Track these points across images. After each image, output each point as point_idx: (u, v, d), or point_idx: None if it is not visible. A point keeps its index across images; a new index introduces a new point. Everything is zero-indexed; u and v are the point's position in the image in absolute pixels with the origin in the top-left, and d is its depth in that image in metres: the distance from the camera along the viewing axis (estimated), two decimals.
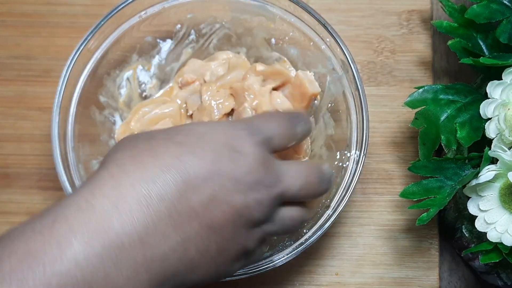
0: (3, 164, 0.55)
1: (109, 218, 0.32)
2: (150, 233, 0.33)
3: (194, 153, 0.35)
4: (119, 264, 0.32)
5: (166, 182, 0.34)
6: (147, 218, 0.33)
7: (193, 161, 0.35)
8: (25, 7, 0.58)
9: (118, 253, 0.32)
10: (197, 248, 0.35)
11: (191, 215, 0.34)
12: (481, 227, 0.45)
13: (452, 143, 0.47)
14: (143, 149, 0.35)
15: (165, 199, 0.33)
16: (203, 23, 0.53)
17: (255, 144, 0.37)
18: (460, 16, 0.51)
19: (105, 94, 0.52)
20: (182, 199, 0.34)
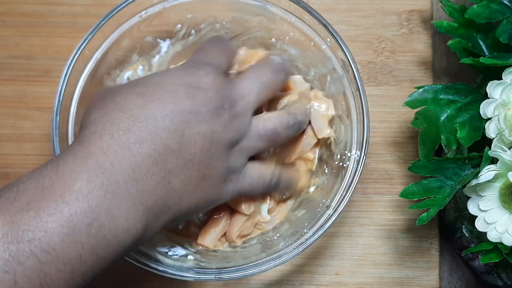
0: (3, 164, 0.55)
1: (102, 161, 0.37)
2: (137, 171, 0.38)
3: (155, 100, 0.40)
4: (117, 197, 0.36)
5: (139, 129, 0.39)
6: (130, 158, 0.38)
7: (157, 107, 0.40)
8: (25, 7, 0.58)
9: (115, 188, 0.36)
10: (179, 178, 0.40)
11: (167, 152, 0.39)
12: (481, 227, 0.45)
13: (452, 143, 0.47)
14: (112, 107, 0.40)
15: (142, 142, 0.38)
16: (203, 23, 0.53)
17: (206, 74, 0.42)
18: (460, 16, 0.51)
19: None
20: (157, 140, 0.39)
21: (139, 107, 0.40)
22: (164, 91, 0.41)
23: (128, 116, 0.39)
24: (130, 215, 0.37)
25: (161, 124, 0.39)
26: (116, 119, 0.39)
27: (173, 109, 0.40)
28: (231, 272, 0.46)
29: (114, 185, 0.36)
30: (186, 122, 0.40)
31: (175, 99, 0.40)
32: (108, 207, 0.36)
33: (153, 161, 0.38)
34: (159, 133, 0.39)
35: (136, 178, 0.37)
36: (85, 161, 0.37)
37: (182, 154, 0.40)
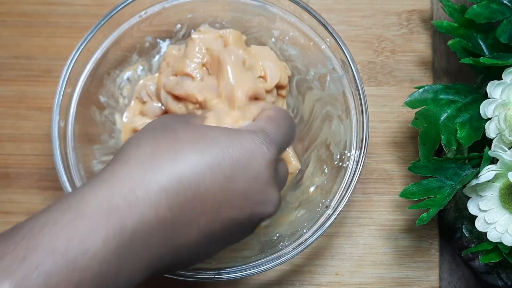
0: (3, 164, 0.55)
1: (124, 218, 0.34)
2: (155, 234, 0.35)
3: (209, 166, 0.36)
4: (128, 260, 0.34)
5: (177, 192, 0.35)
6: (154, 222, 0.35)
7: (206, 174, 0.36)
8: (25, 7, 0.58)
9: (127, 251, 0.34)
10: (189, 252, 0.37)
11: (191, 225, 0.36)
12: (481, 227, 0.45)
13: (452, 143, 0.47)
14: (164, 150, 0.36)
15: (172, 207, 0.35)
16: (203, 23, 0.53)
17: (271, 159, 0.39)
18: (460, 16, 0.51)
19: (105, 94, 0.52)
20: (188, 210, 0.36)
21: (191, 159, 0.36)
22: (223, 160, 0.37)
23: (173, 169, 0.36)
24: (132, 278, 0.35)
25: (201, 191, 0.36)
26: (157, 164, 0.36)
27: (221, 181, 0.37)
28: (230, 272, 0.46)
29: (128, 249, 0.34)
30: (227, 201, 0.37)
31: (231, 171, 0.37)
32: (115, 270, 0.33)
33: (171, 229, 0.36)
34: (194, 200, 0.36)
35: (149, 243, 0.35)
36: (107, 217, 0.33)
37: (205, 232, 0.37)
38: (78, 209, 0.33)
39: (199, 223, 0.37)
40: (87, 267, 0.32)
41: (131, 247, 0.34)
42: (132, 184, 0.35)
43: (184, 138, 0.38)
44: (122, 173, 0.35)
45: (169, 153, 0.36)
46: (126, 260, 0.34)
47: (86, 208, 0.34)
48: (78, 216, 0.33)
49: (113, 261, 0.33)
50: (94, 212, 0.33)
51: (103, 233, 0.33)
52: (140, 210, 0.34)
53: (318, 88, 0.52)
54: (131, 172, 0.35)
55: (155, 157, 0.36)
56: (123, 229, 0.33)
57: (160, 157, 0.36)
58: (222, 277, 0.46)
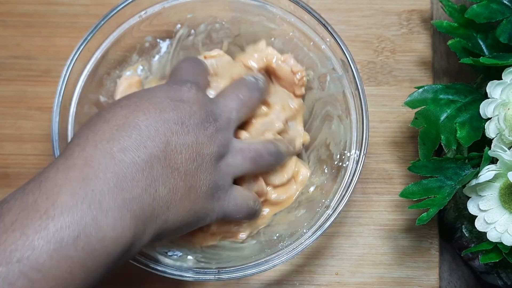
0: (3, 164, 0.55)
1: (85, 172, 0.36)
2: (122, 179, 0.37)
3: (139, 110, 0.40)
4: (103, 206, 0.36)
5: (123, 137, 0.38)
6: (115, 167, 0.37)
7: (141, 116, 0.40)
8: (25, 7, 0.58)
9: (100, 198, 0.36)
10: (165, 186, 0.39)
11: (152, 159, 0.39)
12: (481, 227, 0.45)
13: (452, 143, 0.47)
14: (97, 120, 0.40)
15: (126, 150, 0.38)
16: (203, 23, 0.53)
17: (189, 90, 0.43)
18: (460, 16, 0.51)
19: (105, 94, 0.52)
20: (141, 148, 0.39)
21: (122, 117, 0.40)
22: (148, 103, 0.41)
23: (111, 126, 0.39)
24: (117, 224, 0.36)
25: (145, 133, 0.39)
26: (100, 130, 0.39)
27: (157, 119, 0.40)
28: (230, 272, 0.46)
29: (99, 195, 0.36)
30: (171, 132, 0.40)
31: (160, 110, 0.41)
32: (94, 218, 0.35)
33: (138, 168, 0.38)
34: (143, 141, 0.39)
35: (121, 186, 0.37)
36: (67, 173, 0.36)
37: (168, 162, 0.40)
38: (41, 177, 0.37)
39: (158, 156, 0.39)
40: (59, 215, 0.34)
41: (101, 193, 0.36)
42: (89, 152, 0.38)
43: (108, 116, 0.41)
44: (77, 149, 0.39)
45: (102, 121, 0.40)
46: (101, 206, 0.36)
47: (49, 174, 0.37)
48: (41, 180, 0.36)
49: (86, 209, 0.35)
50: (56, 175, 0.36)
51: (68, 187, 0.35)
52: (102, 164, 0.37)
53: (318, 88, 0.52)
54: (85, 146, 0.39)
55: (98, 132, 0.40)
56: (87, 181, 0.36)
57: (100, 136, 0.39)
58: (222, 276, 0.46)
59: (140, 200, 0.38)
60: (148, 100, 0.41)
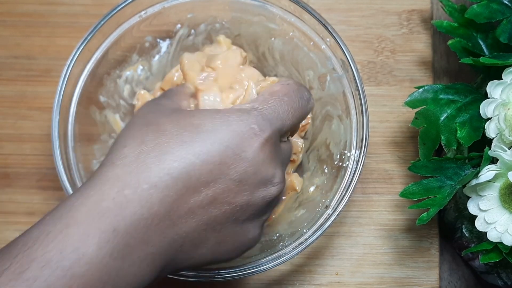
0: (3, 164, 0.55)
1: (116, 221, 0.34)
2: (151, 233, 0.35)
3: (197, 155, 0.36)
4: (128, 261, 0.34)
5: (167, 186, 0.35)
6: (147, 219, 0.34)
7: (196, 164, 0.35)
8: (25, 7, 0.58)
9: (126, 252, 0.34)
10: (192, 242, 0.37)
11: (188, 215, 0.36)
12: (481, 227, 0.45)
13: (452, 143, 0.47)
14: (149, 148, 0.36)
15: (164, 202, 0.35)
16: (203, 23, 0.53)
17: (266, 141, 0.37)
18: (460, 16, 0.51)
19: (105, 94, 0.52)
20: (181, 201, 0.35)
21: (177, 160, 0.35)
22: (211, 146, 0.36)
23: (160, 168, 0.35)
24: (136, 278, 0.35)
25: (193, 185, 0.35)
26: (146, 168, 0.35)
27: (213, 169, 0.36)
28: (230, 272, 0.46)
29: (126, 249, 0.34)
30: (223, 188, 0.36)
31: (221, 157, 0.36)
32: (116, 273, 0.33)
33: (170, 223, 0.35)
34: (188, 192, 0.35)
35: (148, 241, 0.35)
36: (99, 221, 0.33)
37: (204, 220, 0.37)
38: (69, 217, 0.33)
39: (195, 211, 0.36)
40: (84, 273, 0.32)
41: (128, 247, 0.34)
42: (120, 185, 0.35)
43: (168, 130, 0.37)
44: (110, 175, 0.35)
45: (154, 149, 0.36)
46: (125, 260, 0.34)
47: (77, 215, 0.33)
48: (69, 224, 0.33)
49: (111, 263, 0.33)
50: (85, 218, 0.33)
51: (96, 237, 0.33)
52: (131, 209, 0.34)
53: (318, 88, 0.52)
54: (118, 173, 0.35)
55: (141, 155, 0.36)
56: (116, 231, 0.33)
57: (146, 154, 0.36)
58: (222, 276, 0.46)
59: (164, 254, 0.36)
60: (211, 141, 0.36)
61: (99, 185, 0.35)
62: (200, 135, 0.36)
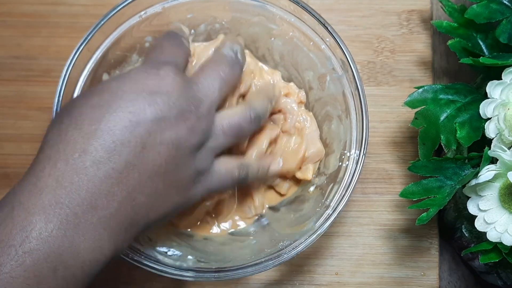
0: (3, 164, 0.56)
1: (58, 194, 0.35)
2: (96, 197, 0.36)
3: (112, 111, 0.37)
4: (79, 229, 0.35)
5: (95, 148, 0.36)
6: (88, 184, 0.36)
7: (113, 120, 0.37)
8: (25, 7, 0.58)
9: (75, 222, 0.35)
10: (144, 193, 0.38)
11: (129, 168, 0.37)
12: (481, 227, 0.45)
13: (451, 143, 0.47)
14: (67, 124, 0.38)
15: (100, 163, 0.36)
16: (203, 23, 0.53)
17: (167, 75, 0.40)
18: (460, 16, 0.51)
19: None
20: (115, 158, 0.36)
21: (95, 122, 0.37)
22: (122, 100, 0.38)
23: (83, 134, 0.37)
24: (96, 245, 0.35)
25: (119, 138, 0.37)
26: (71, 140, 0.37)
27: (133, 120, 0.37)
28: (230, 272, 0.46)
29: (74, 218, 0.35)
30: (148, 132, 0.37)
31: (135, 107, 0.38)
32: (70, 244, 0.34)
33: (113, 182, 0.36)
34: (117, 149, 0.36)
35: (96, 205, 0.35)
36: (40, 197, 0.35)
37: (145, 167, 0.37)
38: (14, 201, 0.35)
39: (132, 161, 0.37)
40: (35, 248, 0.33)
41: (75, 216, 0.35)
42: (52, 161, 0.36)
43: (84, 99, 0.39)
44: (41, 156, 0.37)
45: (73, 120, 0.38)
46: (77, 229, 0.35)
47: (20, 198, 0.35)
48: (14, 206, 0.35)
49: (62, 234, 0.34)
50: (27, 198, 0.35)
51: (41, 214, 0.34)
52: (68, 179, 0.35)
53: (317, 88, 0.52)
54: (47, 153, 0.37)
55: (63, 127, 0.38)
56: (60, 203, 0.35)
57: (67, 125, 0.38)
58: (222, 276, 0.46)
59: (117, 214, 0.36)
60: (122, 96, 0.38)
61: (32, 169, 0.37)
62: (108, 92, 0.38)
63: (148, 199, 0.38)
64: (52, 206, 0.35)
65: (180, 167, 0.40)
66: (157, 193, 0.39)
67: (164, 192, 0.39)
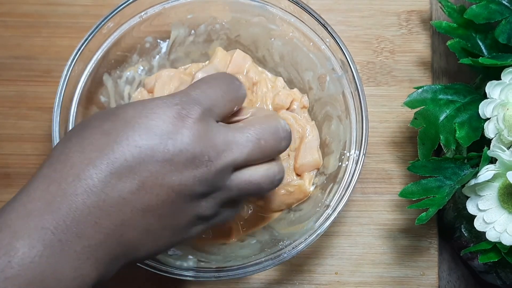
0: (3, 164, 0.56)
1: (45, 220, 0.34)
2: (82, 225, 0.34)
3: (118, 142, 0.35)
4: (63, 257, 0.34)
5: (90, 176, 0.35)
6: (75, 213, 0.34)
7: (117, 151, 0.35)
8: (25, 7, 0.58)
9: (59, 248, 0.34)
10: (135, 229, 0.36)
11: (120, 202, 0.35)
12: (480, 227, 0.45)
13: (451, 143, 0.47)
14: (74, 144, 0.36)
15: (90, 192, 0.35)
16: (203, 24, 0.53)
17: (192, 121, 0.37)
18: (459, 17, 0.51)
19: (105, 94, 0.52)
20: (109, 190, 0.35)
21: (98, 149, 0.35)
22: (133, 132, 0.36)
23: (83, 159, 0.35)
24: (78, 274, 0.34)
25: (118, 171, 0.35)
26: (70, 162, 0.35)
27: (136, 156, 0.35)
28: (230, 272, 0.46)
29: (58, 245, 0.34)
30: (150, 172, 0.35)
31: (143, 143, 0.35)
32: (53, 270, 0.33)
33: (102, 214, 0.35)
34: (113, 182, 0.35)
35: (81, 234, 0.34)
36: (27, 221, 0.34)
37: (139, 205, 0.36)
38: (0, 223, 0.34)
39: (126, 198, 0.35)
40: (17, 274, 0.32)
41: (60, 243, 0.34)
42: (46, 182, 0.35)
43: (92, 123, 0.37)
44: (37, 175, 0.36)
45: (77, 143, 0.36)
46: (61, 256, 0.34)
47: (7, 220, 0.34)
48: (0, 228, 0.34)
49: (45, 261, 0.33)
50: (14, 220, 0.34)
51: (26, 238, 0.33)
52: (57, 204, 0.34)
53: (317, 88, 0.53)
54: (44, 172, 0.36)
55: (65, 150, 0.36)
56: (45, 228, 0.34)
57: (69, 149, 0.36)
58: (222, 276, 0.46)
59: (103, 246, 0.35)
60: (133, 128, 0.36)
61: (27, 186, 0.35)
62: (122, 121, 0.36)
63: (139, 235, 0.37)
64: (38, 230, 0.34)
65: (178, 212, 0.37)
66: (149, 231, 0.37)
67: (158, 232, 0.37)
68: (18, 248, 0.33)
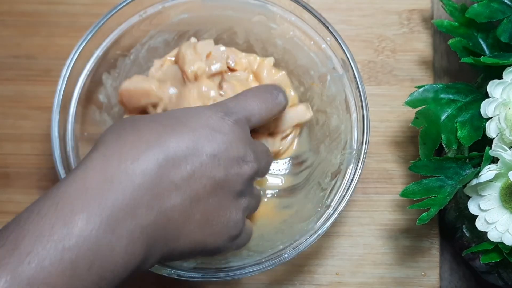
0: (3, 164, 0.55)
1: (103, 195, 0.36)
2: (137, 205, 0.36)
3: (174, 133, 0.39)
4: (117, 233, 0.35)
5: (148, 159, 0.37)
6: (133, 193, 0.36)
7: (174, 139, 0.38)
8: (25, 7, 0.58)
9: (115, 224, 0.35)
10: (180, 216, 0.38)
11: (171, 188, 0.38)
12: (482, 227, 0.45)
13: (452, 142, 0.47)
14: (129, 131, 0.39)
15: (147, 174, 0.37)
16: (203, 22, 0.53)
17: (233, 123, 0.41)
18: (461, 15, 0.51)
19: (105, 94, 0.52)
20: (163, 174, 0.37)
21: (155, 134, 0.38)
22: (185, 127, 0.39)
23: (141, 142, 0.38)
24: (129, 250, 0.36)
25: (172, 157, 0.38)
26: (128, 144, 0.38)
27: (190, 146, 0.39)
28: (230, 272, 0.46)
29: (114, 222, 0.35)
30: (200, 163, 0.39)
31: (195, 137, 0.39)
32: (107, 245, 0.35)
33: (154, 195, 0.37)
34: (167, 166, 0.38)
35: (135, 213, 0.36)
36: (85, 196, 0.35)
37: (187, 193, 0.38)
38: (58, 196, 0.35)
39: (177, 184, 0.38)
40: (75, 245, 0.34)
41: (116, 220, 0.35)
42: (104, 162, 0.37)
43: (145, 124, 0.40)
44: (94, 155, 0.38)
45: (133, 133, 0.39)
46: (114, 232, 0.35)
47: (65, 194, 0.36)
48: (58, 202, 0.35)
49: (101, 235, 0.35)
50: (73, 195, 0.35)
51: (84, 212, 0.35)
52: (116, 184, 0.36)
53: (318, 87, 0.52)
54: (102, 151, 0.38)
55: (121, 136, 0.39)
56: (103, 204, 0.35)
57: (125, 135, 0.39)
58: (222, 276, 0.46)
59: (153, 227, 0.37)
60: (186, 124, 0.40)
61: (85, 164, 0.37)
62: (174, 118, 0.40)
63: (183, 222, 0.39)
64: (95, 207, 0.35)
65: (220, 207, 0.40)
66: (192, 220, 0.39)
67: (198, 224, 0.40)
68: (76, 221, 0.34)
